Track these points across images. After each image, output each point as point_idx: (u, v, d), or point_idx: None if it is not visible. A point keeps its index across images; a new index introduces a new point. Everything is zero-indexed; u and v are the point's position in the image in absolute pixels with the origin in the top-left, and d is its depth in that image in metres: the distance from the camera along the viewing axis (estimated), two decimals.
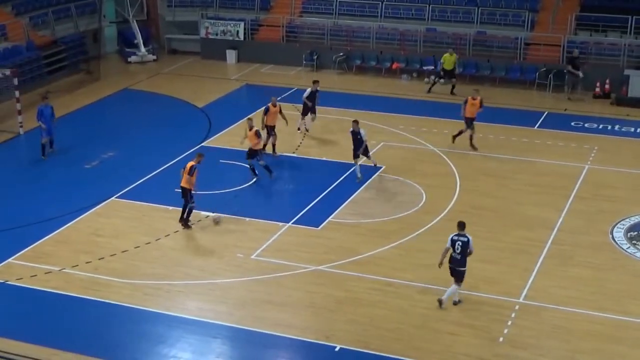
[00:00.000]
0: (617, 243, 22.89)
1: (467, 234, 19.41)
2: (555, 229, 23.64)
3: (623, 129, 31.99)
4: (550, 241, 22.96)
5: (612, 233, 23.40)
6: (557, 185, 26.56)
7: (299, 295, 20.42)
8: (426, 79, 37.92)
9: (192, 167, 23.63)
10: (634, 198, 25.69)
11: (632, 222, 24.02)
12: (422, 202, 25.43)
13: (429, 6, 40.54)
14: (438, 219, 24.25)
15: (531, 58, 38.18)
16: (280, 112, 29.04)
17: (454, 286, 19.56)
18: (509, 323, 19.04)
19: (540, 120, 33.09)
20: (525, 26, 39.08)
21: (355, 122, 26.85)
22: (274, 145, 29.06)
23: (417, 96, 36.43)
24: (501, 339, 18.48)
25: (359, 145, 26.78)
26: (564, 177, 27.16)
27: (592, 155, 29.13)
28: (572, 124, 32.65)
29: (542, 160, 28.76)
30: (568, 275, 21.24)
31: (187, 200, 23.78)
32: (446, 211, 24.74)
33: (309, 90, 30.99)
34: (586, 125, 32.53)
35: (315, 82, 31.33)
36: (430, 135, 30.98)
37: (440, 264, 19.53)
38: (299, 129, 31.21)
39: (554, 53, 37.77)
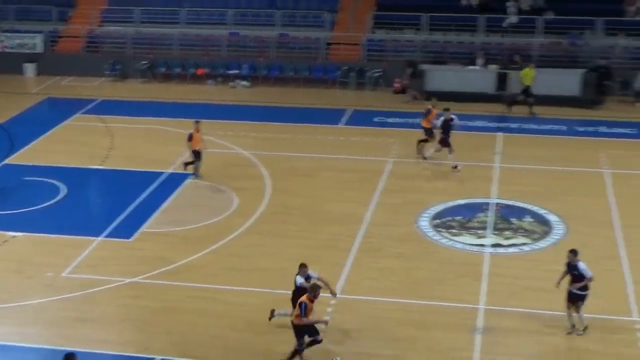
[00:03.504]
0: (423, 232, 23.80)
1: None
2: (364, 223, 24.30)
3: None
4: (360, 235, 23.57)
5: (418, 223, 24.31)
6: (363, 180, 27.31)
7: (113, 310, 20.02)
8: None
9: None
10: (437, 188, 26.78)
11: (435, 211, 25.03)
12: (234, 206, 25.52)
13: (231, 10, 40.73)
14: (250, 221, 24.41)
15: (333, 57, 39.11)
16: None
17: None
18: (327, 318, 19.27)
19: (345, 118, 33.94)
20: (325, 27, 39.95)
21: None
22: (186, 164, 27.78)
23: (224, 100, 36.54)
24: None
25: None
26: (370, 172, 27.96)
27: (396, 148, 30.13)
28: (375, 119, 33.67)
29: (348, 157, 29.49)
30: (379, 267, 21.87)
31: None
32: (258, 213, 24.94)
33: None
34: (389, 120, 33.64)
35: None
36: (239, 138, 31.12)
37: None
38: None
39: (355, 52, 38.85)
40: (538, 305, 19.77)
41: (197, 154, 27.32)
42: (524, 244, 23.12)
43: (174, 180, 26.98)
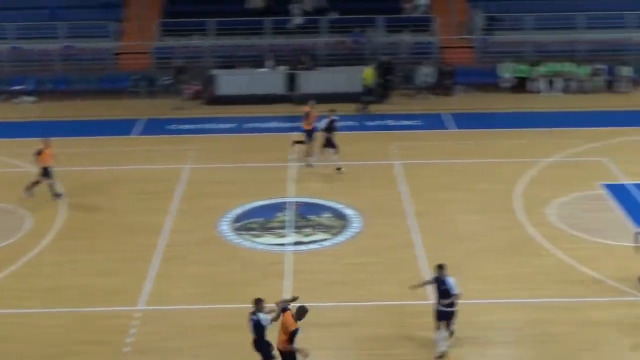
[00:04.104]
0: (225, 236, 23.91)
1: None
2: (166, 232, 24.14)
3: (218, 127, 33.40)
4: (163, 245, 23.39)
5: (219, 227, 24.39)
6: (162, 190, 27.09)
7: None
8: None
9: None
10: (235, 191, 26.95)
11: (235, 214, 25.21)
12: (28, 226, 24.67)
13: (9, 24, 39.21)
14: (46, 240, 23.68)
15: (122, 67, 38.55)
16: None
17: None
18: (134, 332, 19.12)
19: (138, 128, 33.54)
20: (111, 37, 39.25)
21: None
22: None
23: (8, 118, 35.20)
24: (127, 349, 18.52)
25: None
26: (168, 180, 27.77)
27: (192, 155, 30.08)
28: (170, 127, 33.48)
29: (144, 167, 29.16)
30: (185, 275, 21.77)
31: None
32: (54, 231, 24.23)
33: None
34: (183, 127, 33.53)
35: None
36: (28, 157, 30.00)
37: None
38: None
39: (144, 60, 38.42)
40: (342, 298, 20.33)
41: (45, 172, 26.20)
42: (324, 239, 23.68)
43: None
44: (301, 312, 16.45)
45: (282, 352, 16.47)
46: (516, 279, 21.23)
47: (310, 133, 28.94)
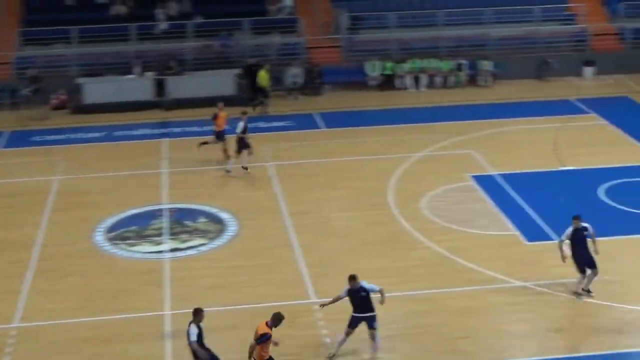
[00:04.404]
0: (99, 247, 23.47)
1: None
2: (38, 245, 23.51)
3: (87, 136, 32.73)
4: (35, 258, 22.77)
5: (93, 238, 23.93)
6: (31, 202, 26.37)
7: None
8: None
9: None
10: (108, 200, 26.48)
11: (110, 224, 24.77)
12: None
13: None
14: None
15: None
16: None
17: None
18: (10, 350, 18.55)
19: (2, 141, 32.54)
20: None
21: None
22: None
23: None
24: None
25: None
26: (37, 193, 27.03)
27: (61, 166, 29.38)
28: (35, 139, 32.60)
29: (11, 180, 28.32)
30: (60, 289, 21.25)
31: None
32: None
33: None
34: (49, 138, 32.70)
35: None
36: None
37: None
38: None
39: (4, 71, 37.28)
40: (224, 302, 20.26)
41: None
42: (202, 244, 23.55)
43: None
44: (276, 319, 16.27)
45: None
46: (392, 272, 21.62)
47: (219, 135, 28.79)
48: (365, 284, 17.76)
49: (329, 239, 23.69)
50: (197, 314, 16.65)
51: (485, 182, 27.22)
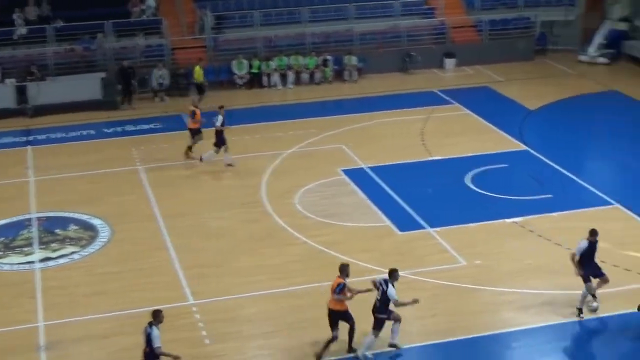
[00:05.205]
0: None
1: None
2: None
3: None
4: None
5: None
6: None
7: None
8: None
9: None
10: None
11: None
12: None
13: None
14: None
15: None
16: None
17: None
18: None
19: None
20: None
21: None
22: None
23: None
24: None
25: None
26: None
27: None
28: None
29: None
30: None
31: None
32: None
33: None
34: None
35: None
36: None
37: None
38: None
39: None
40: (101, 309, 19.96)
41: None
42: (74, 252, 23.05)
43: None
44: (343, 270, 17.77)
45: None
46: (271, 269, 21.74)
47: (197, 131, 29.01)
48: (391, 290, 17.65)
49: (204, 239, 23.60)
50: (157, 315, 16.36)
51: (357, 175, 27.63)
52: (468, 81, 38.52)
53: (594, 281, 19.26)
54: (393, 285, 17.56)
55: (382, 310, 17.79)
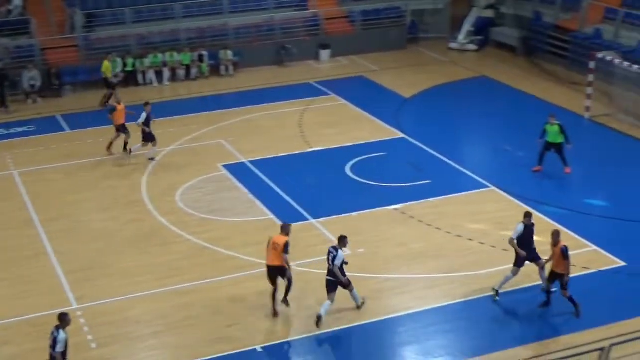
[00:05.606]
0: None
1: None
2: None
3: None
4: None
5: None
6: None
7: None
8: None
9: None
10: None
11: None
12: None
13: None
14: None
15: None
16: None
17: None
18: None
19: None
20: None
21: None
22: None
23: None
24: None
25: None
26: None
27: None
28: None
29: None
30: None
31: None
32: None
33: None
34: None
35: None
36: None
37: None
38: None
39: None
40: None
41: None
42: None
43: None
44: (284, 229, 19.49)
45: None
46: (155, 269, 21.59)
47: (122, 127, 28.87)
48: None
49: (85, 242, 23.22)
50: (63, 319, 16.05)
51: (237, 170, 27.66)
52: (343, 71, 38.96)
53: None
54: (342, 250, 18.95)
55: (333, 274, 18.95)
